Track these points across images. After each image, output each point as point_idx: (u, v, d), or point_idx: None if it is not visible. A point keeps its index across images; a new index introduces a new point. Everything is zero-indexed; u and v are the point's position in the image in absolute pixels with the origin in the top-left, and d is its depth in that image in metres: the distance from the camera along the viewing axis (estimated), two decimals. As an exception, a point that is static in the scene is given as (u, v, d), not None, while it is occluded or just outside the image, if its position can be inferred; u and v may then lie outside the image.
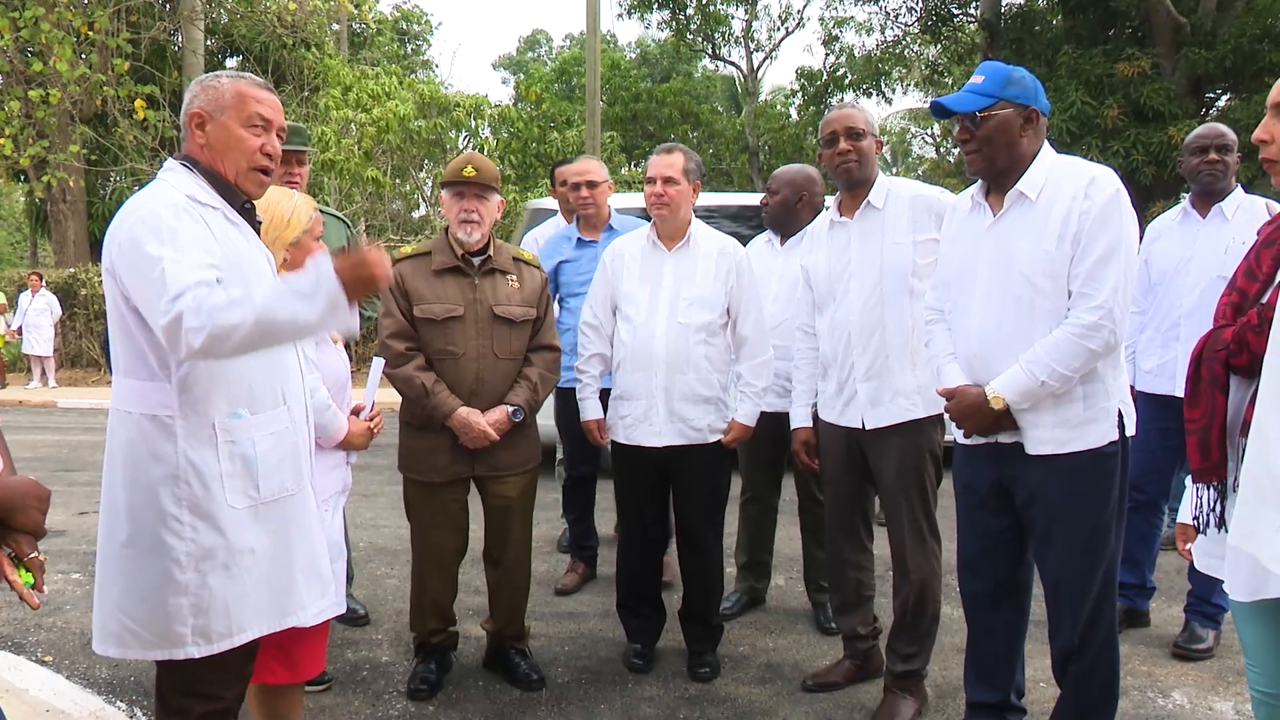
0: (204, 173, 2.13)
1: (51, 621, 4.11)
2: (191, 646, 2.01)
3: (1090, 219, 2.44)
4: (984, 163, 2.59)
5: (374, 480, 6.94)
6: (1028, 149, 2.57)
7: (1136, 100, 13.75)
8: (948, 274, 2.78)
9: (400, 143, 15.98)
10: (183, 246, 1.93)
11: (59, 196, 17.39)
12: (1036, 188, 2.54)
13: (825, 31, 24.48)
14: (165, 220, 1.95)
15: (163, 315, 1.87)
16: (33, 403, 13.34)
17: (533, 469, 3.48)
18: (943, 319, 2.80)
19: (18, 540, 1.65)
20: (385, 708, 3.30)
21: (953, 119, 2.64)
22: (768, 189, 4.14)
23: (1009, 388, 2.52)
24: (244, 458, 2.06)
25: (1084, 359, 2.46)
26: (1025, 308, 2.53)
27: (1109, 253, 2.44)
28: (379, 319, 3.41)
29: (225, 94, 2.12)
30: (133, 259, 1.94)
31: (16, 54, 16.00)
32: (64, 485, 7.08)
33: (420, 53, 30.53)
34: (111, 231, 2.02)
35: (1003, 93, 2.55)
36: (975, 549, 2.79)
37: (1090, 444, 2.52)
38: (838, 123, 3.12)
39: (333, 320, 1.93)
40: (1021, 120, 2.55)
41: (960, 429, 2.68)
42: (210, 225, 2.03)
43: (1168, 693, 3.41)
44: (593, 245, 4.40)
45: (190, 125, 2.14)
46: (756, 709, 3.30)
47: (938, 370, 2.78)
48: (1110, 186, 2.47)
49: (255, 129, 2.14)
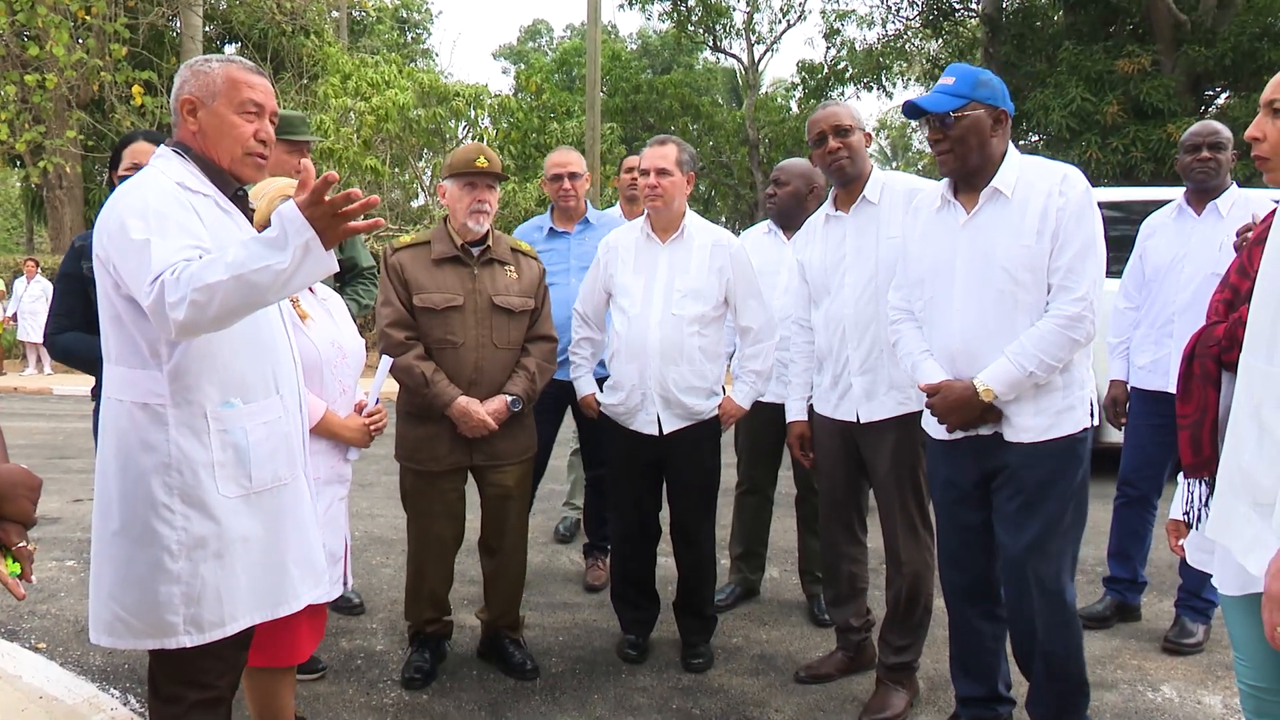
0: (195, 159, 2.11)
1: (45, 609, 4.11)
2: (184, 636, 2.01)
3: (1067, 215, 2.54)
4: (957, 162, 2.65)
5: (370, 470, 6.94)
6: (997, 148, 2.65)
7: (1136, 97, 13.76)
8: (920, 272, 2.82)
9: (399, 132, 15.93)
10: (169, 231, 1.91)
11: (55, 182, 17.35)
12: (1010, 185, 2.62)
13: (826, 25, 24.41)
14: (152, 206, 1.94)
15: (147, 296, 1.85)
16: (28, 389, 13.32)
17: (530, 458, 3.49)
18: (910, 317, 2.86)
19: (6, 529, 1.65)
20: (379, 696, 3.31)
21: (923, 119, 2.68)
22: (774, 180, 4.11)
23: (997, 380, 2.59)
24: (236, 447, 2.05)
25: (1068, 349, 2.55)
26: (1007, 301, 2.61)
27: (1086, 247, 2.54)
28: (377, 307, 3.40)
29: (216, 79, 2.10)
30: (121, 244, 1.93)
31: (13, 38, 15.96)
32: (58, 472, 7.09)
33: (420, 41, 30.46)
34: (102, 219, 2.01)
35: (974, 94, 2.61)
36: (955, 544, 2.84)
37: (1067, 430, 2.64)
38: (824, 122, 3.13)
39: (309, 264, 1.82)
40: (992, 120, 2.63)
41: (944, 424, 2.72)
42: (200, 212, 2.02)
43: (1157, 686, 3.43)
44: (564, 237, 4.35)
45: (182, 111, 2.12)
46: (749, 700, 3.31)
47: (914, 367, 2.82)
48: (1081, 183, 2.59)
49: (248, 114, 2.12)
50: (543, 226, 4.45)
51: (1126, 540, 4.02)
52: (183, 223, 1.95)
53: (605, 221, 4.43)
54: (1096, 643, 3.79)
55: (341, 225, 1.84)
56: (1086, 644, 3.72)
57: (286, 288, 1.85)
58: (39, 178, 17.12)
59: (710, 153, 25.51)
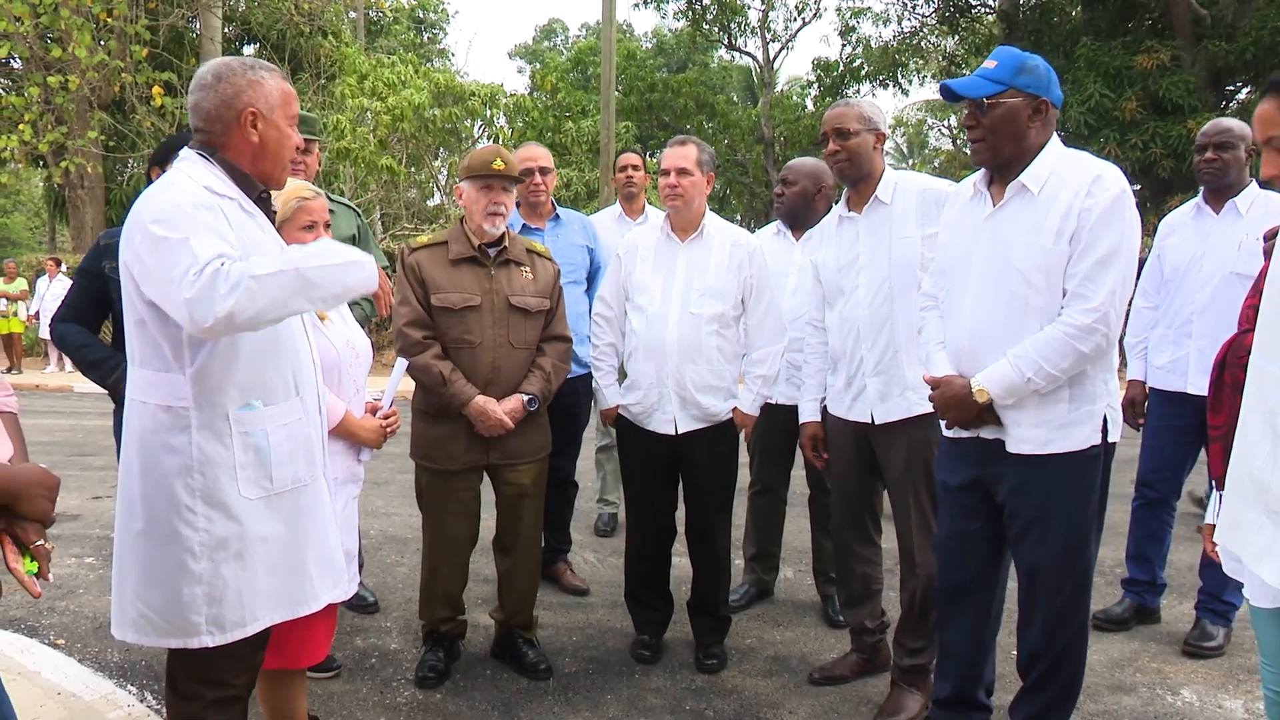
0: (221, 162, 2.12)
1: (64, 605, 4.15)
2: (206, 635, 2.04)
3: (1093, 218, 2.40)
4: (989, 152, 2.55)
5: (385, 468, 6.97)
6: (1035, 140, 2.52)
7: (1155, 93, 13.67)
8: (943, 262, 2.76)
9: (415, 131, 15.97)
10: (200, 231, 1.93)
11: (77, 182, 17.48)
12: (1039, 181, 2.49)
13: (842, 22, 24.33)
14: (185, 208, 1.96)
15: (190, 285, 1.83)
16: (49, 387, 13.44)
17: (544, 457, 3.50)
18: (937, 306, 2.79)
19: (25, 528, 1.66)
20: (393, 695, 3.32)
21: (961, 103, 2.59)
22: (782, 180, 4.12)
23: (994, 382, 2.50)
24: (257, 449, 2.07)
25: (1073, 360, 2.43)
26: (1018, 303, 2.50)
27: (1109, 255, 2.40)
28: (395, 307, 3.42)
29: (273, 93, 2.14)
30: (153, 243, 1.92)
31: (36, 40, 16.09)
32: (78, 470, 7.14)
33: (436, 41, 30.50)
34: (130, 223, 2.01)
35: (1014, 80, 2.49)
36: (951, 543, 2.79)
37: (1071, 446, 2.50)
38: (828, 124, 3.14)
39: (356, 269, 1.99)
40: (1030, 110, 2.50)
41: (942, 419, 2.68)
42: (226, 215, 2.03)
43: (1177, 690, 3.40)
44: (537, 234, 4.29)
45: (242, 122, 2.11)
46: (763, 701, 3.30)
47: (926, 357, 2.77)
48: (1115, 186, 2.42)
49: (294, 126, 2.19)
50: (515, 224, 4.41)
51: (1145, 542, 3.99)
52: (213, 225, 1.97)
53: (573, 219, 4.44)
54: (1115, 646, 3.77)
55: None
56: (1105, 647, 3.72)
57: (336, 292, 1.97)
58: (61, 178, 17.24)
59: (725, 151, 25.47)
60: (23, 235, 38.36)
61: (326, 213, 2.71)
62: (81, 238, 17.93)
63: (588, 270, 4.41)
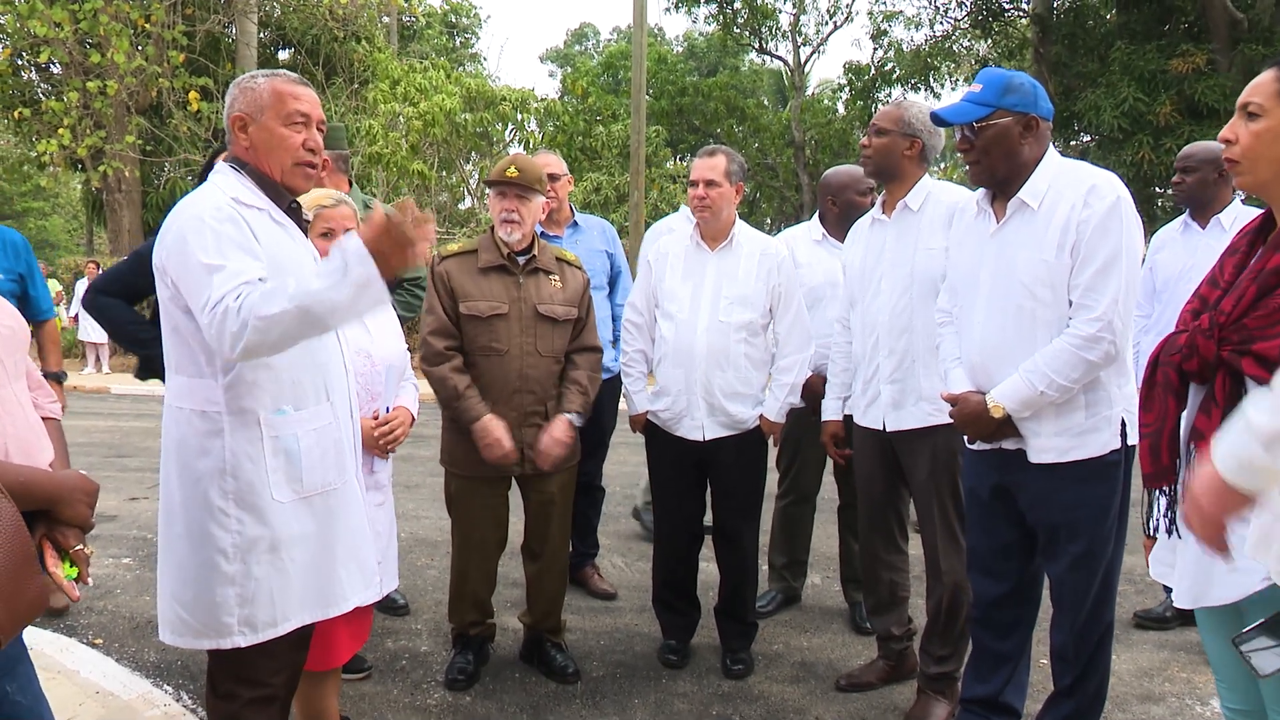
0: (251, 173, 2.18)
1: (103, 605, 4.23)
2: (238, 636, 2.09)
3: (1090, 228, 2.44)
4: (985, 173, 2.61)
5: (416, 471, 7.04)
6: (1030, 155, 2.57)
7: (1191, 97, 13.50)
8: (954, 279, 2.80)
9: (446, 136, 16.10)
10: (226, 251, 1.98)
11: (115, 186, 17.76)
12: (1038, 195, 2.53)
13: (874, 26, 24.20)
14: (209, 224, 2.01)
15: (207, 320, 1.93)
16: (86, 388, 13.65)
17: (573, 467, 3.52)
18: (952, 321, 2.83)
19: (64, 532, 1.70)
20: (423, 697, 3.36)
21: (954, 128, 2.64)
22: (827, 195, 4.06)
23: (1009, 397, 2.54)
24: (288, 452, 2.12)
25: (1083, 370, 2.46)
26: (1026, 317, 2.54)
27: (1109, 263, 2.43)
28: (422, 315, 3.45)
29: (263, 94, 2.17)
30: (180, 261, 2.01)
31: (76, 46, 16.37)
32: (115, 470, 7.26)
33: (469, 46, 30.68)
34: (161, 234, 2.09)
35: (1001, 101, 2.55)
36: (983, 551, 2.81)
37: (1091, 453, 2.53)
38: (874, 120, 3.18)
39: (365, 296, 1.90)
40: (1021, 128, 2.55)
41: (963, 434, 2.72)
42: (254, 226, 2.08)
43: (1206, 700, 3.37)
44: (556, 241, 4.28)
45: (233, 129, 2.19)
46: (789, 707, 3.31)
47: (945, 374, 2.81)
48: (1110, 194, 2.45)
49: (295, 126, 2.18)
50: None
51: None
52: (238, 240, 2.02)
53: (592, 225, 4.47)
54: (1144, 655, 3.75)
55: (402, 249, 1.90)
56: (1134, 656, 3.70)
57: (343, 316, 1.94)
58: (99, 181, 17.52)
59: (755, 155, 25.44)
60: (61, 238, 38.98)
61: (350, 219, 2.74)
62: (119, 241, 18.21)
63: (609, 275, 4.44)
